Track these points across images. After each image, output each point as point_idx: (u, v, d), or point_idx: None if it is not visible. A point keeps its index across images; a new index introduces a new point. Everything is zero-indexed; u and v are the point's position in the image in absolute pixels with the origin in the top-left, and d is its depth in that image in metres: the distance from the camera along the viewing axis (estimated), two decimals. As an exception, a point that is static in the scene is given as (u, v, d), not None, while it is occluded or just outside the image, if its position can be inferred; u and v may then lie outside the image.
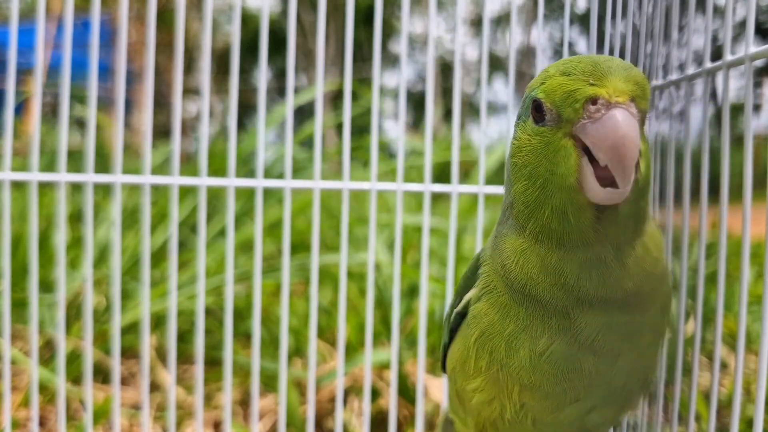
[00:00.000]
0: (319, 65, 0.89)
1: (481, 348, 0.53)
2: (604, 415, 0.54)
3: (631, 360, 0.51)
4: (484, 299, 0.54)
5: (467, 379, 0.56)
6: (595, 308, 0.48)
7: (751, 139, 0.51)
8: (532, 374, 0.51)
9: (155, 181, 0.88)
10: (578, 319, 0.48)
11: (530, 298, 0.49)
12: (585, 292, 0.47)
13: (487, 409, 0.55)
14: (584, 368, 0.50)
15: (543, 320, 0.50)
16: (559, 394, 0.51)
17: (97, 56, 0.87)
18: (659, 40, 0.73)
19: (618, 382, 0.52)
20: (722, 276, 0.56)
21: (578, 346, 0.49)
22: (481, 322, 0.54)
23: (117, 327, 0.88)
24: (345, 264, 0.88)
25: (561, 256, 0.47)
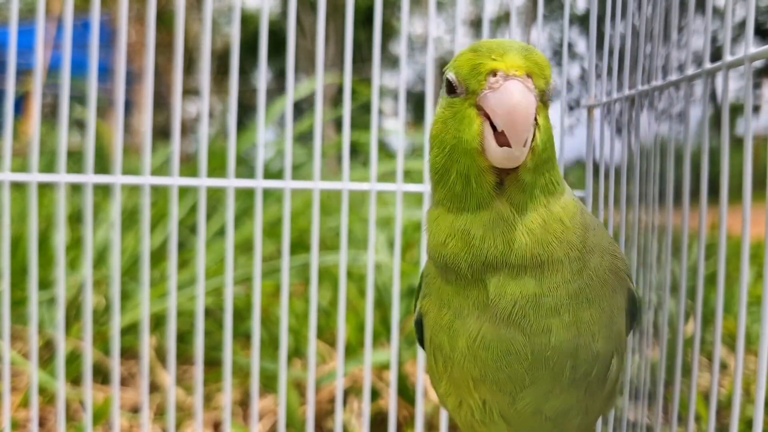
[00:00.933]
0: (319, 66, 0.89)
1: (436, 349, 0.55)
2: (565, 401, 0.54)
3: (570, 337, 0.51)
4: (426, 296, 0.56)
5: (437, 383, 0.58)
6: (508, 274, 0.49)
7: (750, 140, 0.51)
8: (474, 364, 0.52)
9: (155, 181, 0.88)
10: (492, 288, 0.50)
11: (449, 269, 0.51)
12: (491, 254, 0.49)
13: (461, 413, 0.57)
14: (518, 350, 0.51)
15: (466, 297, 0.51)
16: (505, 381, 0.52)
17: (96, 57, 0.87)
18: (659, 40, 0.73)
19: (561, 363, 0.51)
20: (722, 276, 0.56)
21: (500, 323, 0.50)
22: (429, 321, 0.56)
23: (116, 327, 0.88)
24: (345, 264, 0.88)
25: (466, 219, 0.50)
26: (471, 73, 0.48)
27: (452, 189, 0.50)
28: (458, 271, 0.51)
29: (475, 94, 0.48)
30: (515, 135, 0.46)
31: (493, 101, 0.46)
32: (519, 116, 0.45)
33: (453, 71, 0.50)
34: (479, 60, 0.48)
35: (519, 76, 0.47)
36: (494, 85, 0.47)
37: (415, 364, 1.23)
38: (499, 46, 0.48)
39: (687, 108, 0.65)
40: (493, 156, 0.47)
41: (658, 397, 0.70)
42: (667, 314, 0.68)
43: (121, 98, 0.91)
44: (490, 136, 0.47)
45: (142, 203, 0.89)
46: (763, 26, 3.42)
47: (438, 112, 0.52)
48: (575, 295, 0.51)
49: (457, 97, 0.50)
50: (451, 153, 0.49)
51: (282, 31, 0.91)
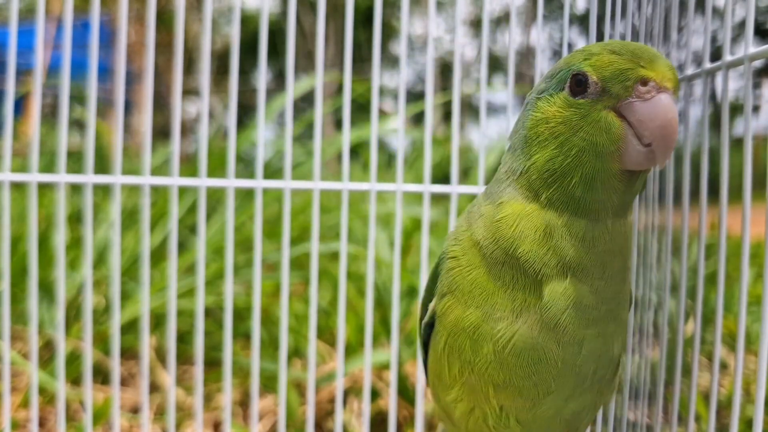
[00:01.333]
0: (319, 66, 0.89)
1: (451, 353, 0.54)
2: (581, 404, 0.54)
3: (598, 347, 0.52)
4: (447, 294, 0.54)
5: (445, 390, 0.56)
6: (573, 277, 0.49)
7: (750, 140, 0.51)
8: (500, 370, 0.51)
9: (155, 182, 0.88)
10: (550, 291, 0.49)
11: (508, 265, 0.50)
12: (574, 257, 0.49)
13: (471, 420, 0.55)
14: (549, 358, 0.50)
15: (509, 298, 0.50)
16: (530, 388, 0.52)
17: (96, 57, 0.87)
18: (659, 40, 0.73)
19: (587, 369, 0.52)
20: (722, 276, 0.56)
21: (541, 331, 0.50)
22: (447, 321, 0.54)
23: (116, 327, 0.88)
24: (344, 264, 0.88)
25: (570, 220, 0.49)
26: (616, 76, 0.47)
27: (571, 192, 0.48)
28: (526, 268, 0.50)
29: (616, 99, 0.47)
30: (665, 150, 0.46)
31: (645, 112, 0.46)
32: (672, 132, 0.45)
33: (589, 70, 0.48)
34: (627, 65, 0.47)
35: (670, 89, 0.46)
36: (646, 96, 0.46)
37: (415, 364, 1.23)
38: (644, 51, 0.47)
39: (687, 108, 0.65)
40: (633, 159, 0.47)
41: (658, 397, 0.70)
42: (667, 314, 0.68)
43: (121, 98, 0.91)
44: (633, 139, 0.46)
45: (142, 203, 0.89)
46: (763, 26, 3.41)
47: (548, 111, 0.50)
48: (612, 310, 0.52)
49: (585, 99, 0.48)
50: (578, 156, 0.48)
51: (282, 31, 0.91)
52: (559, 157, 0.49)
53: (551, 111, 0.50)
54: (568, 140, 0.48)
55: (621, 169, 0.47)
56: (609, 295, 0.51)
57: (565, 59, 0.51)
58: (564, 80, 0.50)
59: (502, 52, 7.41)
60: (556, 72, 0.51)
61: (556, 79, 0.51)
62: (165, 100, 4.30)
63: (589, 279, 0.49)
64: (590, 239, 0.49)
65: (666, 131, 0.45)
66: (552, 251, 0.49)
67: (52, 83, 1.68)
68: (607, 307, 0.51)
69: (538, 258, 0.49)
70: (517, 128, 0.54)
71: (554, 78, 0.51)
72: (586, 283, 0.49)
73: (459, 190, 0.88)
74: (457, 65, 0.88)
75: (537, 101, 0.52)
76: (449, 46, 9.47)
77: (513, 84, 0.89)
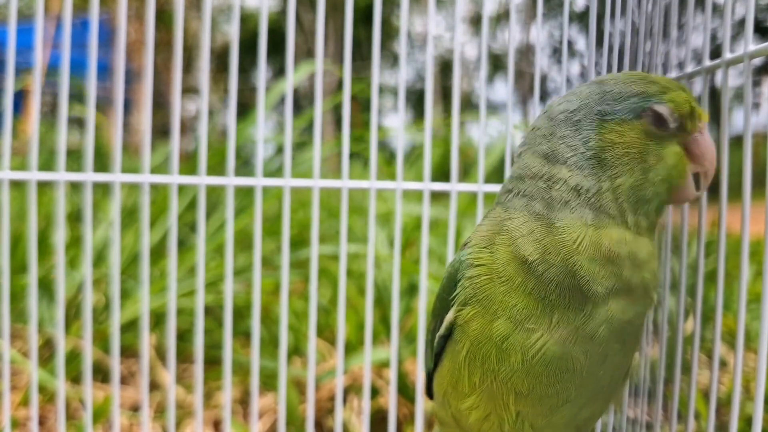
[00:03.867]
0: (319, 64, 0.89)
1: (473, 362, 0.53)
2: (593, 410, 0.56)
3: (618, 360, 0.53)
4: (470, 303, 0.53)
5: (461, 399, 0.56)
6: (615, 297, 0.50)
7: (750, 137, 0.52)
8: (525, 379, 0.51)
9: (154, 180, 0.88)
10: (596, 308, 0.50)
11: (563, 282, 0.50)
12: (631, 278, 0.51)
13: (485, 426, 0.55)
14: (576, 368, 0.51)
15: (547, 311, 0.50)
16: (552, 396, 0.52)
17: (96, 55, 0.87)
18: (658, 38, 0.73)
19: (605, 379, 0.53)
20: (721, 274, 0.56)
21: (574, 342, 0.50)
22: (470, 330, 0.53)
23: (116, 326, 0.88)
24: (344, 262, 0.88)
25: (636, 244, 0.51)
26: (690, 114, 0.52)
27: (649, 216, 0.52)
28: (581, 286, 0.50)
29: (687, 135, 0.53)
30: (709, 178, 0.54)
31: (705, 146, 0.53)
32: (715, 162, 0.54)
33: (672, 105, 0.52)
34: (694, 103, 0.53)
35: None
36: (703, 131, 0.53)
37: (414, 362, 1.23)
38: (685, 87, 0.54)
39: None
40: (688, 195, 0.54)
41: (657, 395, 0.70)
42: (667, 312, 0.68)
43: (121, 97, 0.91)
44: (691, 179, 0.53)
45: (142, 201, 0.89)
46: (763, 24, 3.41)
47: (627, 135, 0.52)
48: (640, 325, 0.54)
49: (665, 132, 0.52)
50: (660, 184, 0.52)
51: (281, 29, 0.91)
52: (645, 184, 0.52)
53: (631, 137, 0.52)
54: (653, 168, 0.52)
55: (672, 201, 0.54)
56: (641, 311, 0.52)
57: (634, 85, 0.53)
58: (639, 109, 0.52)
59: (501, 50, 7.41)
60: (625, 97, 0.53)
61: (629, 104, 0.52)
62: (164, 98, 4.29)
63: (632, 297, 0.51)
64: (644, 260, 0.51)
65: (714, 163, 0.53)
66: (612, 273, 0.50)
67: (52, 81, 1.69)
68: (638, 322, 0.53)
69: (598, 279, 0.50)
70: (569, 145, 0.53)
71: (624, 103, 0.52)
72: (627, 300, 0.51)
73: (459, 188, 0.88)
74: (457, 63, 0.88)
75: (602, 123, 0.53)
76: (449, 44, 9.46)
77: (513, 82, 0.88)
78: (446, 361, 0.57)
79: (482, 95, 0.89)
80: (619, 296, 0.50)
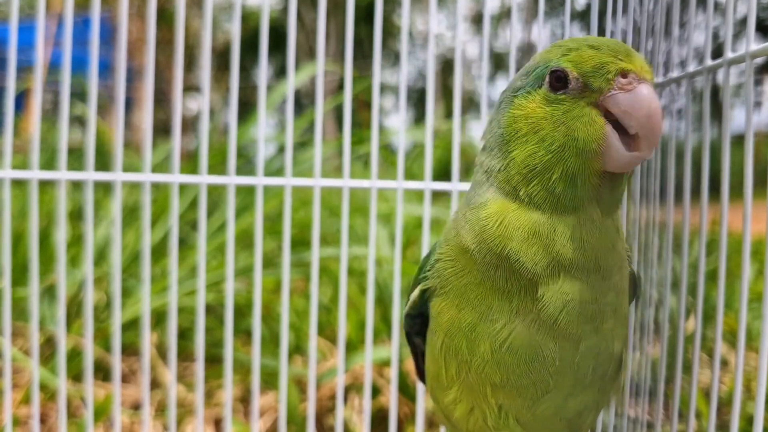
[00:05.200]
0: (320, 63, 0.89)
1: (448, 353, 0.54)
2: (582, 402, 0.54)
3: (595, 343, 0.51)
4: (440, 295, 0.54)
5: (444, 391, 0.56)
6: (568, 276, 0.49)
7: (751, 137, 0.51)
8: (497, 369, 0.51)
9: (155, 179, 0.88)
10: (546, 292, 0.49)
11: (501, 267, 0.50)
12: (566, 255, 0.48)
13: (471, 421, 0.55)
14: (546, 356, 0.50)
15: (504, 299, 0.50)
16: (528, 387, 0.51)
17: (97, 54, 0.87)
18: (660, 36, 0.73)
19: (585, 366, 0.52)
20: (723, 273, 0.56)
21: (539, 330, 0.50)
22: (442, 322, 0.54)
23: (117, 324, 0.88)
24: (345, 261, 0.88)
25: (553, 218, 0.48)
26: (598, 70, 0.47)
27: (551, 188, 0.48)
28: (518, 269, 0.49)
29: (598, 93, 0.47)
30: (653, 139, 0.46)
31: (629, 103, 0.46)
32: (658, 120, 0.46)
33: (569, 66, 0.48)
34: (606, 58, 0.47)
35: (649, 80, 0.47)
36: (627, 87, 0.46)
37: (415, 361, 1.22)
38: (620, 45, 0.48)
39: (688, 104, 0.65)
40: (618, 160, 0.47)
41: (658, 394, 0.70)
42: (668, 311, 0.68)
43: (122, 95, 0.91)
44: (616, 139, 0.46)
45: (143, 200, 0.89)
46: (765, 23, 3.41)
47: (527, 107, 0.50)
48: (610, 303, 0.51)
49: (565, 94, 0.48)
50: (559, 152, 0.47)
51: (283, 27, 0.91)
52: (540, 152, 0.48)
53: (530, 107, 0.49)
54: (549, 135, 0.48)
55: (601, 168, 0.47)
56: (605, 289, 0.50)
57: (540, 55, 0.51)
58: (542, 76, 0.49)
59: (503, 49, 7.41)
60: (533, 69, 0.51)
61: (533, 75, 0.50)
62: (166, 96, 4.30)
63: (584, 275, 0.49)
64: (579, 237, 0.48)
65: (652, 120, 0.45)
66: (542, 250, 0.48)
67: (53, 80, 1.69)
68: (605, 301, 0.51)
69: (528, 258, 0.48)
70: (491, 128, 0.53)
71: (531, 75, 0.51)
72: (580, 279, 0.49)
73: (460, 187, 0.88)
74: (458, 62, 0.88)
75: (513, 98, 0.51)
76: (450, 43, 9.46)
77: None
78: (428, 353, 0.58)
79: (483, 94, 0.89)
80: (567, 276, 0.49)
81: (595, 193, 0.48)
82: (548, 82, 0.49)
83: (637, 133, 0.46)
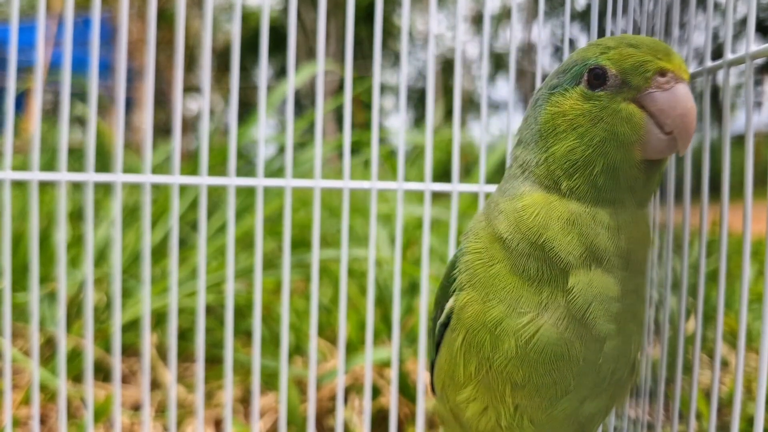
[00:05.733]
0: (320, 63, 0.89)
1: (469, 349, 0.53)
2: (596, 406, 0.54)
3: (618, 345, 0.52)
4: (466, 288, 0.54)
5: (457, 390, 0.55)
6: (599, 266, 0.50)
7: (752, 137, 0.51)
8: (520, 367, 0.51)
9: (156, 180, 0.88)
10: (576, 282, 0.49)
11: (534, 256, 0.50)
12: (601, 244, 0.49)
13: (483, 420, 0.55)
14: (572, 355, 0.50)
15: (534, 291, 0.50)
16: (549, 386, 0.51)
17: (97, 54, 0.87)
18: (660, 36, 0.73)
19: (606, 369, 0.52)
20: (723, 274, 0.56)
21: (566, 326, 0.50)
22: (465, 317, 0.53)
23: (117, 325, 0.88)
24: (345, 262, 0.88)
25: (594, 208, 0.50)
26: (635, 68, 0.48)
27: (594, 181, 0.49)
28: (551, 257, 0.50)
29: (636, 90, 0.49)
30: (687, 137, 0.47)
31: (666, 102, 0.48)
32: (692, 120, 0.47)
33: (608, 63, 0.49)
34: (645, 57, 0.48)
35: (686, 80, 0.48)
36: (665, 86, 0.48)
37: (415, 362, 1.22)
38: (659, 44, 0.49)
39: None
40: (657, 145, 0.48)
41: (659, 395, 0.70)
42: (669, 311, 0.68)
43: (122, 95, 0.91)
44: (655, 129, 0.48)
45: (143, 202, 0.89)
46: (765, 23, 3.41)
47: (565, 104, 0.51)
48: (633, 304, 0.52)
49: (604, 91, 0.49)
50: (600, 146, 0.49)
51: (283, 27, 0.91)
52: (580, 148, 0.50)
53: (568, 104, 0.51)
54: (589, 131, 0.49)
55: (642, 159, 0.49)
56: (631, 287, 0.51)
57: (578, 53, 0.52)
58: (579, 74, 0.51)
59: (503, 49, 7.41)
60: (570, 67, 0.52)
61: (571, 73, 0.52)
62: (166, 97, 4.30)
63: (614, 269, 0.50)
64: (615, 227, 0.50)
65: (687, 119, 0.47)
66: (577, 239, 0.49)
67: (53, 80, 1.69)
68: (630, 300, 0.51)
69: (563, 246, 0.49)
70: (528, 124, 0.55)
71: (568, 73, 0.52)
72: (611, 273, 0.50)
73: (460, 188, 0.88)
74: (458, 62, 0.88)
75: (550, 96, 0.53)
76: (450, 43, 9.46)
77: (514, 80, 0.88)
78: (444, 351, 0.57)
79: (483, 94, 0.89)
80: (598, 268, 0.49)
81: (634, 183, 0.50)
82: (586, 79, 0.50)
83: (671, 131, 0.47)
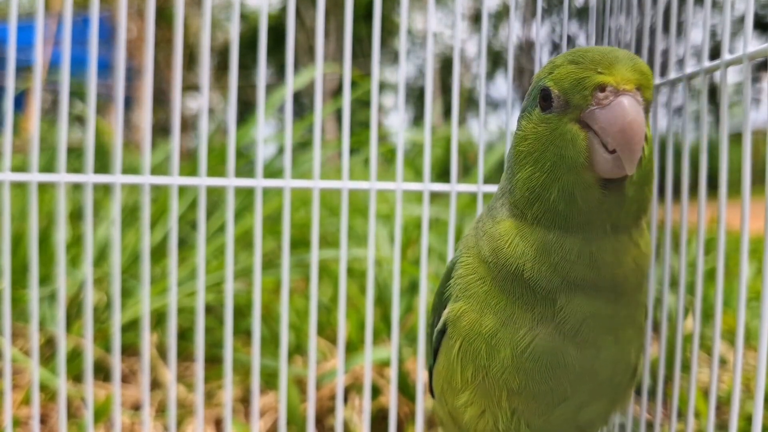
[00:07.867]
0: (319, 61, 0.89)
1: (465, 357, 0.53)
2: (595, 411, 0.54)
3: (615, 353, 0.51)
4: (461, 299, 0.54)
5: (455, 394, 0.56)
6: (584, 293, 0.49)
7: (749, 135, 0.51)
8: (516, 375, 0.51)
9: (155, 181, 0.88)
10: (565, 306, 0.49)
11: (518, 282, 0.50)
12: (578, 274, 0.48)
13: (480, 424, 0.55)
14: (567, 363, 0.50)
15: (526, 309, 0.50)
16: (546, 393, 0.51)
17: (96, 53, 0.87)
18: (659, 35, 0.73)
19: (603, 375, 0.52)
20: (721, 272, 0.56)
21: (561, 338, 0.50)
22: (461, 326, 0.54)
23: (117, 325, 0.88)
24: (345, 261, 0.88)
25: (562, 237, 0.48)
26: (574, 87, 0.46)
27: (554, 207, 0.47)
28: (532, 286, 0.49)
29: (579, 109, 0.46)
30: (629, 155, 0.43)
31: (604, 119, 0.44)
32: (633, 135, 0.43)
33: (551, 84, 0.47)
34: (583, 73, 0.46)
35: (629, 90, 0.44)
36: (603, 102, 0.45)
37: (415, 362, 1.23)
38: (604, 56, 0.46)
39: (686, 104, 0.65)
40: (602, 167, 0.45)
41: (657, 393, 0.70)
42: (667, 310, 0.68)
43: (121, 94, 0.91)
44: (600, 148, 0.45)
45: (142, 202, 0.89)
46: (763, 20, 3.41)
47: (527, 128, 0.49)
48: (630, 315, 0.51)
49: (552, 113, 0.47)
50: (552, 171, 0.47)
51: (282, 26, 0.91)
52: (536, 174, 0.48)
53: (529, 128, 0.49)
54: (542, 156, 0.48)
55: (598, 179, 0.46)
56: (625, 301, 0.51)
57: (537, 74, 0.51)
58: (536, 97, 0.49)
59: (502, 47, 7.40)
60: (532, 88, 0.51)
61: (532, 95, 0.50)
62: (165, 96, 4.29)
63: (599, 292, 0.49)
64: (588, 256, 0.48)
65: (626, 135, 0.43)
66: (554, 269, 0.48)
67: (53, 80, 1.69)
68: (626, 312, 0.51)
69: (542, 275, 0.49)
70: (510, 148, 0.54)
71: (531, 95, 0.51)
72: (596, 296, 0.49)
73: (458, 188, 0.88)
74: (457, 61, 0.88)
75: (521, 119, 0.51)
76: (449, 41, 9.46)
77: (513, 78, 0.88)
78: (442, 357, 0.57)
79: (482, 92, 0.88)
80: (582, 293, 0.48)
81: (600, 207, 0.47)
82: (539, 101, 0.49)
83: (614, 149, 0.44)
